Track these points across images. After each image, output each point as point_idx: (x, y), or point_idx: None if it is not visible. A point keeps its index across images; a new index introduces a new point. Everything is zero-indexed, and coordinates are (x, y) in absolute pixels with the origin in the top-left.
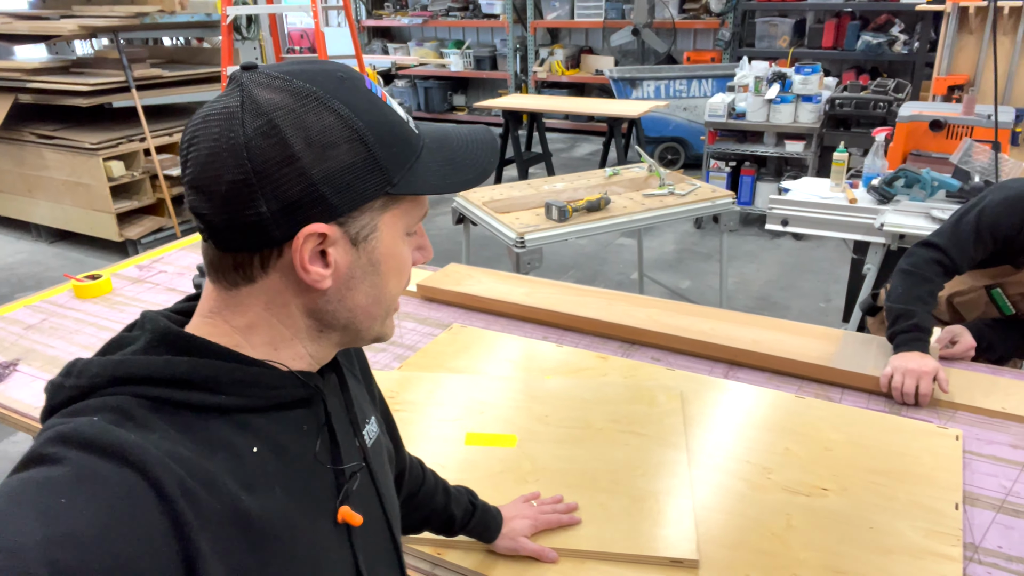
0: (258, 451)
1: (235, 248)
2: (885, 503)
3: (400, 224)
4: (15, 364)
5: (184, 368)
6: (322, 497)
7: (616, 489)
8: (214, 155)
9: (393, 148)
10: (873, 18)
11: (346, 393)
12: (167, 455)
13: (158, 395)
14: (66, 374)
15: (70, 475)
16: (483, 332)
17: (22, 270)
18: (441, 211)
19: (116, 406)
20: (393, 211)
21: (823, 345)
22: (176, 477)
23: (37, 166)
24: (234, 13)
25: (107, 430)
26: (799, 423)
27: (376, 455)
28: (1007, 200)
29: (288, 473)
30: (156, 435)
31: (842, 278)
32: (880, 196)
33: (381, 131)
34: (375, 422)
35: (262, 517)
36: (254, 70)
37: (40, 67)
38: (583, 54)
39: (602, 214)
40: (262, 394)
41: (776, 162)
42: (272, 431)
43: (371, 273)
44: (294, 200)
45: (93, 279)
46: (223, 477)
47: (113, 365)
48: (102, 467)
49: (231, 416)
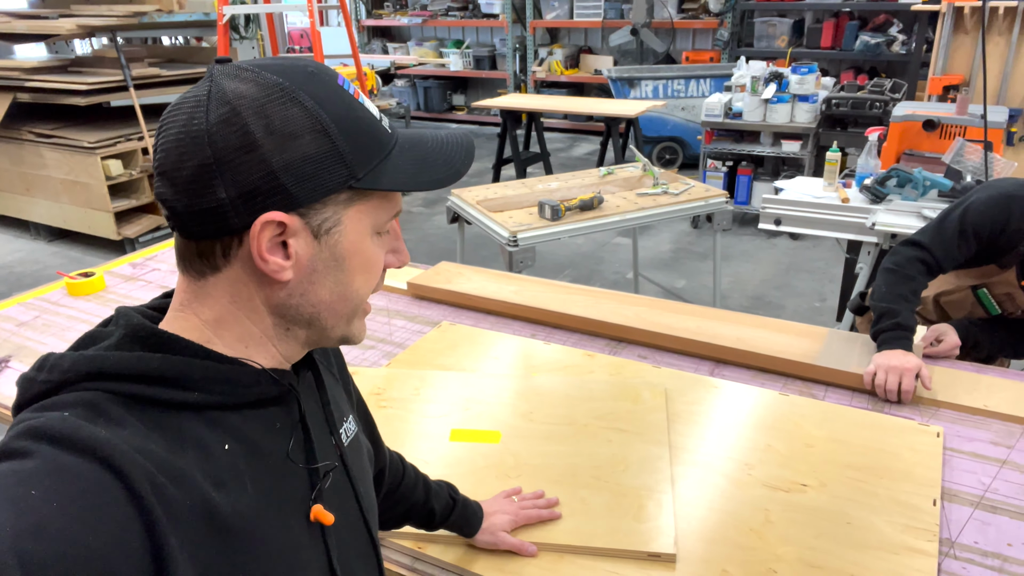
0: (229, 448)
1: (198, 236)
2: (864, 499)
3: (367, 220)
4: (7, 361)
5: (155, 364)
6: (295, 495)
7: (597, 485)
8: (179, 142)
9: (359, 143)
10: (871, 18)
11: (322, 392)
12: (137, 451)
13: (129, 391)
14: (38, 368)
15: (40, 469)
16: (472, 330)
17: (20, 268)
18: (437, 210)
19: (88, 401)
20: (359, 206)
21: (808, 343)
22: (145, 472)
23: (36, 165)
24: (230, 13)
25: (77, 425)
26: (782, 420)
27: (354, 453)
28: (991, 199)
29: (260, 471)
30: (127, 431)
31: (837, 277)
32: (872, 196)
33: (347, 125)
34: (352, 420)
35: (232, 514)
36: (226, 63)
37: (38, 66)
38: (582, 54)
39: (595, 213)
40: (234, 391)
41: (773, 162)
42: (244, 429)
43: (334, 268)
44: (253, 187)
45: (86, 277)
46: (193, 473)
47: (85, 360)
48: (72, 462)
49: (203, 413)
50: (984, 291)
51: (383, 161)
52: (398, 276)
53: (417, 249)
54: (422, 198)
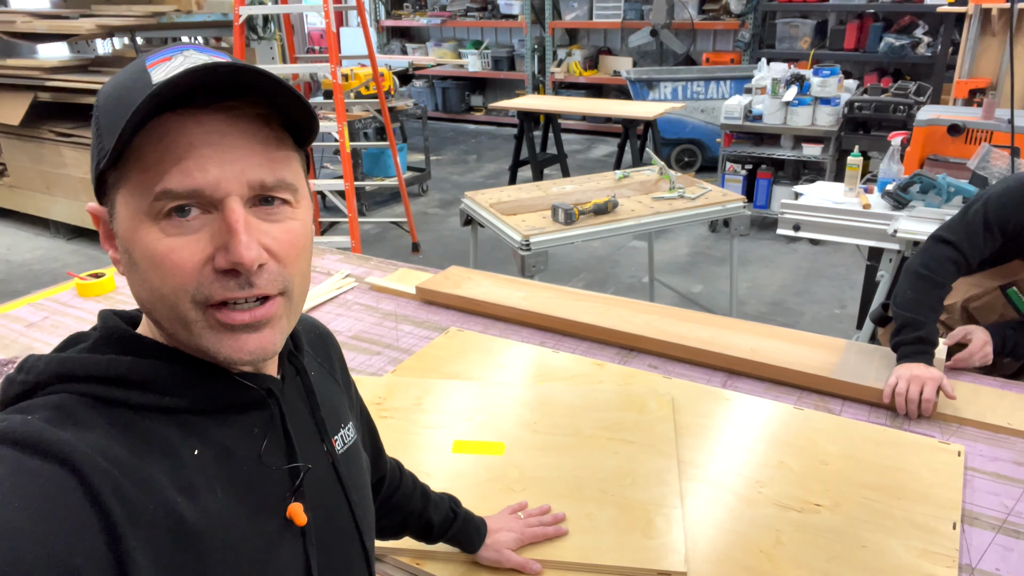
0: (199, 453)
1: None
2: (879, 521)
3: (132, 204)
4: (13, 362)
5: (124, 368)
6: (271, 499)
7: (604, 499)
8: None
9: (112, 117)
10: (896, 20)
11: (311, 397)
12: (100, 454)
13: (99, 393)
14: (18, 370)
15: (3, 471)
16: (480, 336)
17: (39, 266)
18: (451, 212)
19: (57, 404)
20: (124, 188)
21: (825, 355)
22: (107, 475)
23: (55, 163)
24: (247, 13)
25: (39, 428)
26: (795, 435)
27: (349, 461)
28: (1010, 190)
29: (232, 475)
30: (92, 434)
31: (858, 284)
32: (895, 202)
33: (108, 103)
34: (352, 428)
35: (200, 520)
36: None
37: (59, 66)
38: (601, 55)
39: (609, 217)
40: (206, 396)
41: (793, 165)
42: (217, 434)
43: (129, 263)
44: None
45: (96, 277)
46: (159, 478)
47: (58, 362)
48: (34, 464)
49: (174, 417)
50: (1014, 289)
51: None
52: (407, 280)
53: (431, 251)
54: (438, 199)
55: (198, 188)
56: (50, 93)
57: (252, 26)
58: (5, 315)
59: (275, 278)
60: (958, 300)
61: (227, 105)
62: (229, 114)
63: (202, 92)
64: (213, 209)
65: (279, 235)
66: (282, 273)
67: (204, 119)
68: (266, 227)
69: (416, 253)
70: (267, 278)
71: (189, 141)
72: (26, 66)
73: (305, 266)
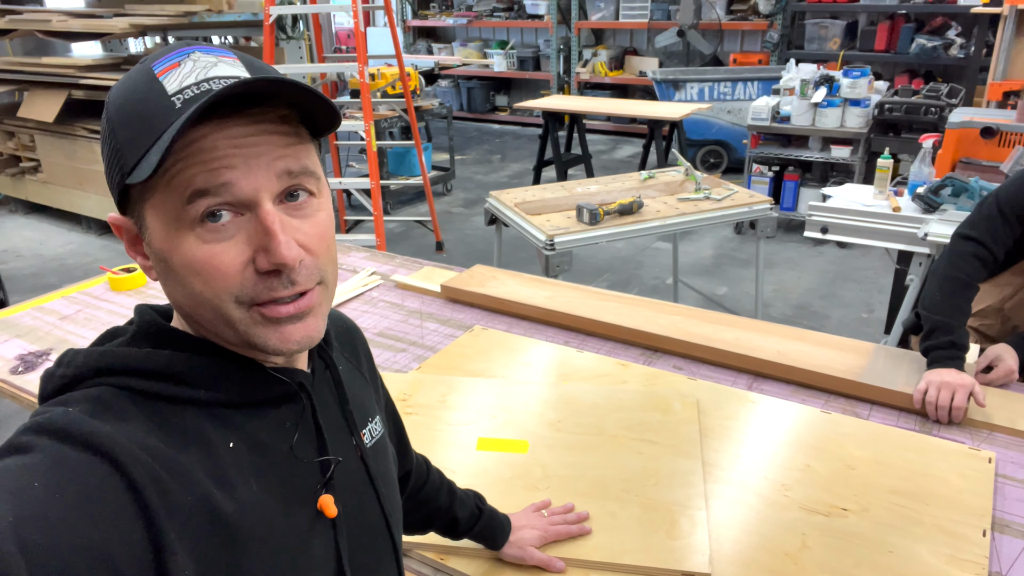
0: (234, 446)
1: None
2: (907, 526)
3: (164, 217)
4: (47, 353)
5: (162, 361)
6: (303, 492)
7: (628, 498)
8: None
9: (131, 132)
10: (928, 20)
11: (340, 390)
12: (139, 446)
13: (137, 387)
14: (58, 364)
15: (42, 462)
16: (504, 335)
17: (71, 261)
18: (476, 211)
19: (96, 397)
20: (152, 202)
21: (853, 358)
22: (146, 467)
23: (88, 160)
24: (276, 13)
25: (79, 420)
26: (822, 439)
27: (377, 455)
28: (1018, 178)
29: (265, 468)
30: (131, 426)
31: (887, 288)
32: (926, 205)
33: (124, 115)
34: (379, 422)
35: (235, 512)
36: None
37: (92, 64)
38: (627, 55)
39: (634, 218)
40: (240, 390)
41: (821, 167)
42: (251, 426)
43: (166, 271)
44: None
45: (128, 272)
46: (195, 470)
47: (97, 356)
48: (73, 455)
49: (209, 410)
50: None
51: (156, 142)
52: (432, 278)
53: (455, 250)
54: (462, 198)
55: (227, 182)
56: (83, 91)
57: (281, 26)
58: (39, 308)
59: (312, 271)
60: (993, 303)
61: (249, 111)
62: (252, 117)
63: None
64: (245, 211)
65: (310, 230)
66: (317, 265)
67: (227, 125)
68: (297, 223)
69: (440, 251)
70: (306, 273)
71: (214, 146)
72: (61, 64)
73: (335, 252)
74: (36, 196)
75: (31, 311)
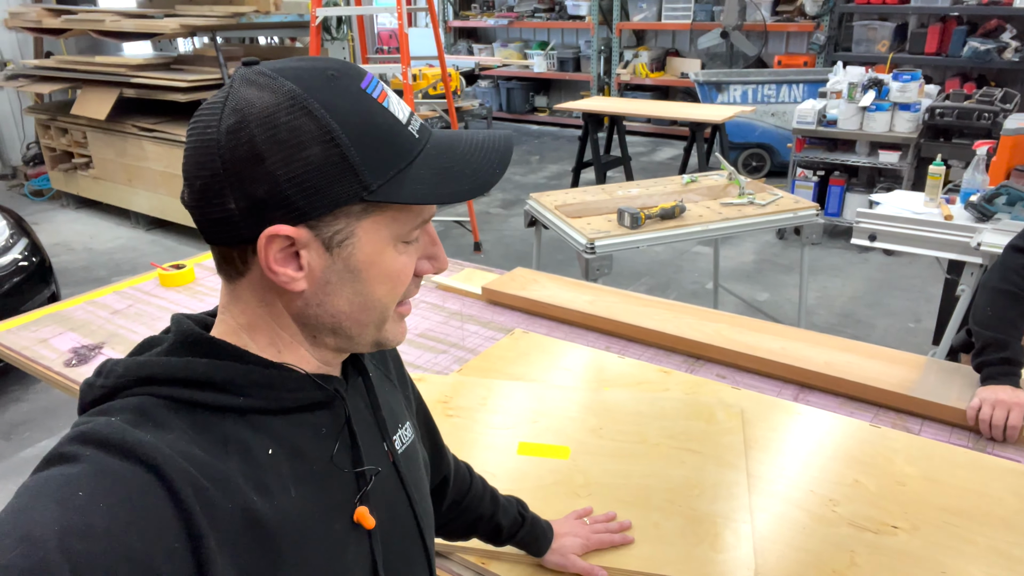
0: (273, 453)
1: (215, 242)
2: (960, 546)
3: (385, 232)
4: (100, 347)
5: (202, 369)
6: (339, 499)
7: (671, 508)
8: (195, 150)
9: (374, 152)
10: (982, 23)
11: (372, 396)
12: (181, 455)
13: (177, 395)
14: (97, 374)
15: (87, 472)
16: (544, 339)
17: (120, 255)
18: (514, 212)
19: (137, 406)
20: (375, 218)
21: (903, 371)
22: (188, 476)
23: (138, 157)
24: (323, 14)
25: (123, 430)
26: (871, 454)
27: (408, 459)
28: None
29: (303, 475)
30: (172, 435)
31: (934, 297)
32: (979, 213)
33: (362, 133)
34: (409, 427)
35: (273, 518)
36: (250, 67)
37: (143, 63)
38: (669, 56)
39: (676, 222)
40: (278, 396)
41: (868, 172)
42: (289, 433)
43: (350, 280)
44: (260, 199)
45: (177, 268)
46: (236, 478)
47: (137, 366)
48: (117, 465)
49: (248, 418)
50: None
51: (403, 171)
52: (473, 280)
53: (493, 251)
54: (500, 199)
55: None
56: (134, 90)
57: (326, 27)
58: (92, 302)
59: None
60: None
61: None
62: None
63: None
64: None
65: None
66: None
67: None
68: None
69: (478, 252)
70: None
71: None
72: (113, 63)
73: None
74: (87, 191)
75: (84, 305)
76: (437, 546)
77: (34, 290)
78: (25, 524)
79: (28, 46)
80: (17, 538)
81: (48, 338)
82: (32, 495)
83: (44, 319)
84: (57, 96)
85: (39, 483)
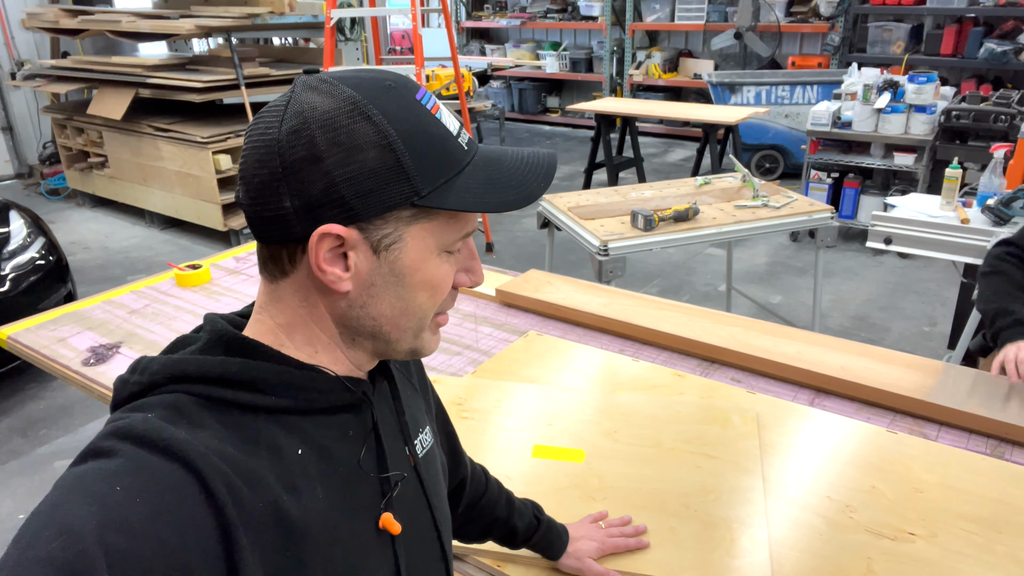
0: (303, 453)
1: (266, 240)
2: (978, 554)
3: (431, 239)
4: (118, 346)
5: (236, 368)
6: (365, 503)
7: (686, 513)
8: (255, 150)
9: (427, 160)
10: (999, 24)
11: (397, 401)
12: (214, 452)
13: (211, 394)
14: (131, 371)
15: (124, 467)
16: (558, 341)
17: (135, 254)
18: (526, 213)
19: (171, 403)
20: (423, 224)
21: (920, 376)
22: (221, 474)
23: (153, 156)
24: (338, 16)
25: (159, 427)
26: (888, 460)
27: (428, 464)
28: None
29: (331, 477)
30: (206, 432)
31: (950, 301)
32: (996, 217)
33: (416, 141)
34: (429, 432)
35: (302, 518)
36: (312, 75)
37: (159, 64)
38: (682, 57)
39: (690, 224)
40: (309, 397)
41: (883, 175)
42: (318, 434)
43: (394, 284)
44: (315, 199)
45: (194, 268)
46: (267, 476)
47: (172, 364)
48: (153, 461)
49: (278, 417)
50: None
51: (452, 180)
52: (486, 282)
53: (505, 252)
54: None
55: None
56: (150, 90)
57: (340, 28)
58: (109, 301)
59: None
60: None
61: None
62: None
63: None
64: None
65: None
66: None
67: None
68: None
69: (490, 253)
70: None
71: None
72: (129, 64)
73: None
74: (103, 191)
75: (102, 304)
76: (452, 548)
77: (51, 288)
78: (64, 517)
79: (45, 46)
80: (56, 531)
81: (66, 337)
82: (70, 489)
83: (62, 318)
84: (73, 96)
85: (77, 477)
